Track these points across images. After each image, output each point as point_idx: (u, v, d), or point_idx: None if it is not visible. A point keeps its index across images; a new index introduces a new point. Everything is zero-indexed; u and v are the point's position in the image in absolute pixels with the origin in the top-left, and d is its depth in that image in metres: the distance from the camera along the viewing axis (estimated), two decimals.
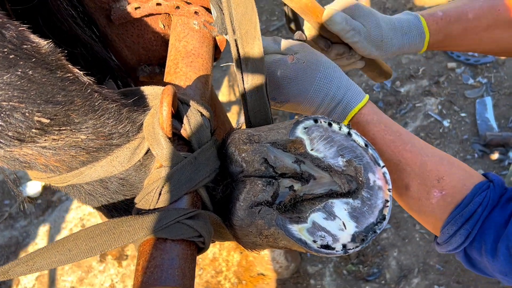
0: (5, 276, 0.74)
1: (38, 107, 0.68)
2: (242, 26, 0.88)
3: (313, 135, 0.88)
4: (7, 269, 0.74)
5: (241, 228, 0.83)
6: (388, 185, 0.90)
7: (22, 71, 0.66)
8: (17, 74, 0.65)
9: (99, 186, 0.88)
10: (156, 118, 0.79)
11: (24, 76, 0.66)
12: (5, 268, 0.74)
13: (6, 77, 0.64)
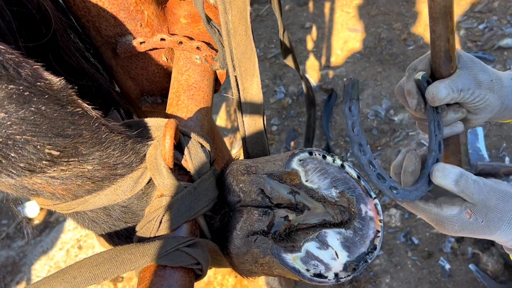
0: None
1: (49, 140, 0.72)
2: (241, 64, 0.93)
3: (308, 167, 0.92)
4: None
5: (237, 256, 0.87)
6: (380, 216, 0.94)
7: (36, 107, 0.69)
8: (31, 110, 0.69)
9: (102, 213, 0.91)
10: (159, 150, 0.84)
11: (37, 112, 0.70)
12: None
13: (20, 112, 0.68)
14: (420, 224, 2.67)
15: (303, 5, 4.06)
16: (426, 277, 2.49)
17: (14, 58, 0.70)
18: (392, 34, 3.66)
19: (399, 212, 2.72)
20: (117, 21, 1.05)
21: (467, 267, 2.46)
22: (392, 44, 3.59)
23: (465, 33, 3.49)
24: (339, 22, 3.85)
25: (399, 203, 0.97)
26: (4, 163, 0.70)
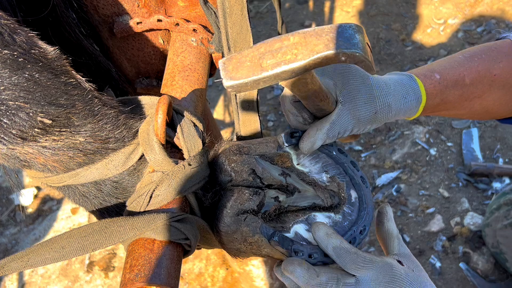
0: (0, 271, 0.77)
1: (41, 108, 0.73)
2: (237, 45, 0.93)
3: (299, 150, 0.93)
4: (2, 264, 0.77)
5: (226, 234, 0.87)
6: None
7: (29, 74, 0.70)
8: (25, 76, 0.70)
9: (94, 188, 0.91)
10: (151, 125, 0.84)
11: (30, 79, 0.71)
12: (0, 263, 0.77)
13: (14, 78, 0.69)
14: (412, 222, 2.68)
15: (303, 3, 4.07)
16: None
17: (9, 24, 0.70)
18: (391, 35, 3.67)
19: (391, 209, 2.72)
20: (115, 0, 1.05)
21: (458, 265, 2.47)
22: (391, 44, 3.61)
23: (463, 35, 3.51)
24: (338, 21, 3.86)
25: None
26: None
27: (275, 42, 0.71)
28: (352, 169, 0.95)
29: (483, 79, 1.03)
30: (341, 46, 0.68)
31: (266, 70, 0.69)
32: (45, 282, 2.78)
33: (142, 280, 0.78)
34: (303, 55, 0.69)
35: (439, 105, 1.02)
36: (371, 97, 0.91)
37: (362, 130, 0.94)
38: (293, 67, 0.69)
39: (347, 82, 0.90)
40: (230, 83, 0.71)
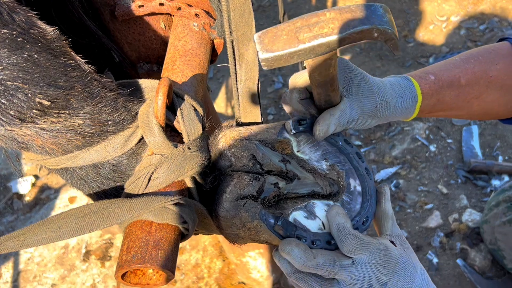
0: None
1: (40, 89, 0.72)
2: (239, 28, 0.92)
3: (300, 138, 0.93)
4: None
5: (225, 219, 0.87)
6: None
7: (28, 54, 0.70)
8: (23, 57, 0.69)
9: (92, 171, 0.91)
10: (151, 107, 0.83)
11: (29, 59, 0.70)
12: None
13: (12, 58, 0.68)
14: (410, 217, 2.68)
15: None
16: None
17: (8, 3, 0.70)
18: None
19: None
20: None
21: (455, 261, 2.47)
22: None
23: (466, 33, 3.50)
24: None
25: None
26: None
27: (312, 17, 0.74)
28: (357, 160, 0.95)
29: (479, 80, 1.05)
30: (374, 22, 0.73)
31: (303, 42, 0.72)
32: (41, 270, 2.78)
33: (139, 262, 0.77)
34: (339, 29, 0.72)
35: (436, 106, 1.04)
36: (371, 92, 0.94)
37: (364, 123, 0.96)
38: (330, 40, 0.72)
39: (349, 78, 0.94)
40: (266, 55, 0.73)
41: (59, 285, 2.72)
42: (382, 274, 0.83)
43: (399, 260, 0.85)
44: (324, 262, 0.82)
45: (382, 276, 0.83)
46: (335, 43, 0.73)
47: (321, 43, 0.73)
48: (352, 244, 0.82)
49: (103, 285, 2.67)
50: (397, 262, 0.84)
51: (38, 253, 2.85)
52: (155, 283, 0.84)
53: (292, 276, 0.86)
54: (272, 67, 0.76)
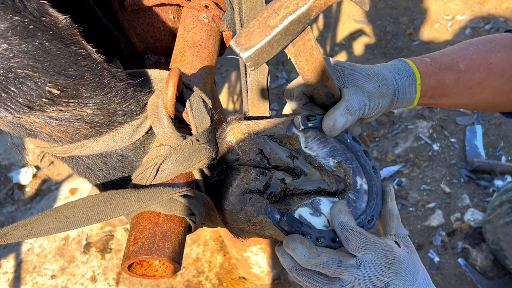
0: (3, 239, 0.76)
1: (50, 78, 0.71)
2: (250, 20, 0.92)
3: (308, 134, 0.92)
4: (5, 232, 0.76)
5: (231, 213, 0.87)
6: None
7: (39, 42, 0.69)
8: (34, 44, 0.68)
9: (99, 160, 0.90)
10: (161, 98, 0.83)
11: (40, 47, 0.69)
12: (3, 231, 0.76)
13: (23, 45, 0.67)
14: (412, 216, 2.68)
15: None
16: None
17: None
18: (398, 28, 3.65)
19: None
20: None
21: (456, 261, 2.47)
22: (397, 38, 3.59)
23: (471, 32, 3.50)
24: (346, 12, 3.84)
25: None
26: (4, 96, 0.69)
27: (275, 2, 0.75)
28: (364, 158, 0.95)
29: (479, 67, 1.04)
30: None
31: (275, 26, 0.73)
32: (41, 261, 2.78)
33: (146, 253, 0.77)
34: (303, 1, 0.74)
35: (436, 88, 1.02)
36: (367, 76, 0.94)
37: (378, 106, 0.95)
38: (299, 14, 0.74)
39: (340, 71, 0.93)
40: (246, 53, 0.73)
41: (58, 276, 2.71)
42: (386, 274, 0.83)
43: (403, 261, 0.84)
44: (328, 261, 0.81)
45: (386, 277, 0.83)
46: (305, 15, 0.75)
47: (292, 20, 0.74)
48: (357, 242, 0.81)
49: (103, 277, 2.67)
50: (400, 263, 0.84)
51: (38, 244, 2.85)
52: (161, 274, 0.84)
53: (294, 272, 0.85)
54: (259, 64, 0.77)
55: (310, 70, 0.85)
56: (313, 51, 0.82)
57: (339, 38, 3.67)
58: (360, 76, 0.93)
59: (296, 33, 0.76)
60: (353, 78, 0.93)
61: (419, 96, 1.01)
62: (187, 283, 2.57)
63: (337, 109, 0.89)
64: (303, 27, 0.76)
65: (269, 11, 0.75)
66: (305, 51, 0.81)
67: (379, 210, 0.93)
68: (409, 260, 0.86)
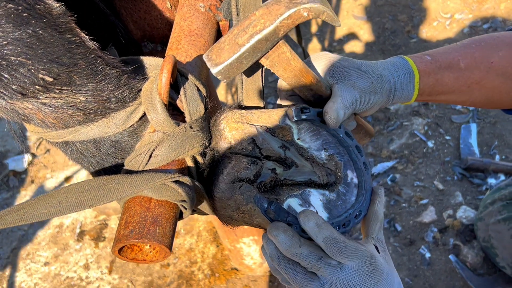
0: None
1: (43, 65, 0.72)
2: (246, 10, 0.92)
3: (301, 125, 0.93)
4: None
5: (220, 200, 0.87)
6: None
7: (33, 30, 0.69)
8: (28, 32, 0.69)
9: (92, 146, 0.91)
10: (155, 84, 0.83)
11: (34, 35, 0.69)
12: None
13: (17, 33, 0.67)
14: (404, 212, 2.69)
15: None
16: (405, 263, 2.51)
17: None
18: (397, 25, 3.66)
19: (385, 198, 2.74)
20: None
21: (447, 257, 2.49)
22: (396, 35, 3.60)
23: (469, 31, 3.51)
24: (345, 8, 3.84)
25: None
26: None
27: (245, 21, 0.79)
28: (356, 153, 0.95)
29: (479, 65, 1.03)
30: (299, 3, 0.77)
31: (243, 45, 0.78)
32: (35, 248, 2.79)
33: (137, 237, 0.77)
34: (270, 21, 0.77)
35: (435, 86, 1.02)
36: (361, 72, 0.94)
37: (369, 102, 0.95)
38: (265, 33, 0.77)
39: (333, 67, 0.94)
40: (216, 69, 0.80)
41: (52, 263, 2.72)
42: (367, 283, 0.83)
43: (383, 270, 0.85)
44: (308, 254, 0.81)
45: (367, 285, 0.83)
46: (272, 34, 0.78)
47: (258, 39, 0.77)
48: (341, 252, 0.82)
49: (96, 265, 2.68)
50: (382, 273, 0.84)
51: (32, 231, 2.86)
52: (151, 259, 0.85)
53: (276, 261, 0.85)
54: (229, 78, 0.82)
55: (290, 77, 0.88)
56: (289, 61, 0.85)
57: (338, 34, 3.68)
58: (354, 72, 0.94)
59: (265, 50, 0.80)
60: (346, 74, 0.93)
61: (417, 93, 1.01)
62: (179, 273, 2.59)
63: (336, 103, 0.90)
64: (271, 45, 0.79)
65: (239, 28, 0.79)
66: (281, 62, 0.85)
67: (367, 206, 0.93)
68: (388, 269, 0.86)
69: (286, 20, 0.77)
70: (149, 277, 2.60)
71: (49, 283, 2.65)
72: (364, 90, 0.93)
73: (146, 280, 2.59)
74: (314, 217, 0.82)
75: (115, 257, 2.68)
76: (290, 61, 0.84)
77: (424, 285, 2.44)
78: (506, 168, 2.73)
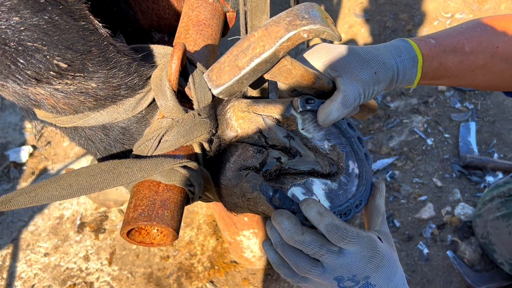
0: (7, 205, 0.78)
1: (59, 51, 0.73)
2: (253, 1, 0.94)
3: (306, 116, 0.94)
4: (9, 198, 0.78)
5: (226, 187, 0.89)
6: None
7: (49, 16, 0.70)
8: (44, 18, 0.70)
9: (101, 132, 0.92)
10: (165, 71, 0.85)
11: (50, 21, 0.71)
12: (8, 197, 0.78)
13: (34, 19, 0.69)
14: (403, 208, 2.71)
15: None
16: (403, 259, 2.53)
17: None
18: (398, 24, 3.67)
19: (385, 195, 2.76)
20: None
21: (445, 253, 2.51)
22: (397, 33, 3.61)
23: None
24: (346, 6, 3.85)
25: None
26: (13, 68, 0.71)
27: (244, 42, 0.80)
28: (358, 144, 0.97)
29: (484, 50, 1.02)
30: (298, 25, 0.77)
31: (243, 68, 0.79)
32: (35, 239, 2.80)
33: (145, 219, 0.79)
34: (269, 44, 0.77)
35: (438, 70, 1.01)
36: (364, 62, 0.92)
37: (372, 93, 0.94)
38: (265, 57, 0.78)
39: (334, 59, 0.93)
40: (218, 90, 0.81)
41: (52, 254, 2.74)
42: (367, 267, 0.84)
43: (385, 255, 0.86)
44: (311, 241, 0.83)
45: (367, 269, 0.84)
46: (270, 58, 0.78)
47: (258, 63, 0.78)
48: (342, 238, 0.83)
49: (96, 257, 2.69)
50: (383, 258, 0.85)
51: (32, 222, 2.87)
52: (158, 242, 0.86)
53: (279, 247, 0.86)
54: (231, 96, 0.84)
55: (291, 83, 0.89)
56: (290, 71, 0.86)
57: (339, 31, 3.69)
58: (356, 63, 0.92)
59: (265, 70, 0.81)
60: (348, 66, 0.92)
61: (419, 77, 1.00)
62: (179, 265, 2.60)
63: (333, 102, 0.90)
64: (271, 65, 0.80)
65: (238, 49, 0.80)
66: (282, 74, 0.85)
67: (368, 196, 0.95)
68: (390, 256, 0.87)
69: (286, 42, 0.77)
70: (148, 269, 2.61)
71: (49, 273, 2.66)
72: (368, 82, 0.92)
73: (146, 272, 2.61)
74: (316, 205, 0.84)
75: (115, 248, 2.69)
76: (291, 70, 0.85)
77: (421, 280, 2.46)
78: (504, 166, 2.76)
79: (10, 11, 0.67)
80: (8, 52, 0.69)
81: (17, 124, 3.34)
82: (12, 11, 0.67)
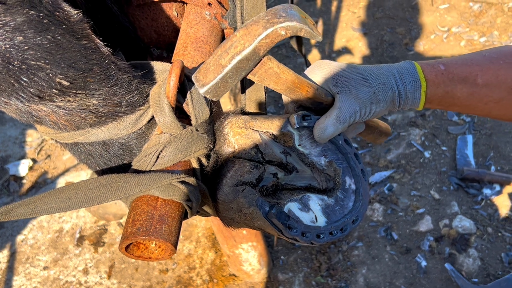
0: (6, 216, 0.79)
1: (61, 70, 0.75)
2: (250, 18, 0.96)
3: (302, 132, 0.95)
4: (9, 209, 0.79)
5: (223, 203, 0.90)
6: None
7: (52, 36, 0.72)
8: (48, 38, 0.72)
9: (101, 148, 0.93)
10: (163, 87, 0.86)
11: (53, 41, 0.73)
12: (7, 208, 0.79)
13: (38, 39, 0.71)
14: (401, 220, 2.72)
15: (311, 0, 4.09)
16: (401, 271, 2.53)
17: None
18: (395, 38, 3.70)
19: (382, 207, 2.77)
20: None
21: (443, 266, 2.51)
22: (394, 47, 3.64)
23: (465, 44, 3.55)
24: (344, 20, 3.89)
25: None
26: (16, 86, 0.73)
27: (227, 42, 0.83)
28: (354, 160, 0.97)
29: (501, 85, 0.96)
30: (276, 22, 0.80)
31: (225, 66, 0.81)
32: (34, 252, 2.80)
33: (143, 234, 0.80)
34: (249, 42, 0.80)
35: (445, 98, 0.97)
36: (364, 80, 0.93)
37: (370, 112, 0.95)
38: (245, 54, 0.81)
39: (336, 75, 0.94)
40: (204, 89, 0.84)
41: (51, 267, 2.74)
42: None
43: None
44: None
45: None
46: (251, 55, 0.81)
47: (240, 60, 0.81)
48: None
49: (95, 270, 2.69)
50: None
51: (32, 236, 2.87)
52: (156, 257, 0.87)
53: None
54: (218, 96, 0.86)
55: (282, 89, 0.90)
56: (279, 75, 0.88)
57: (337, 46, 3.72)
58: (356, 81, 0.92)
59: (248, 68, 0.83)
60: (348, 84, 0.92)
61: (424, 102, 0.97)
62: (178, 278, 2.60)
63: (328, 118, 0.92)
64: (254, 63, 0.83)
65: (222, 49, 0.83)
66: (270, 77, 0.87)
67: (364, 211, 0.96)
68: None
69: (265, 39, 0.80)
70: (147, 282, 2.61)
71: (48, 287, 2.66)
72: (365, 101, 0.92)
73: (145, 285, 2.61)
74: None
75: (114, 262, 2.69)
76: (279, 74, 0.87)
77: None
78: (501, 179, 2.77)
79: (14, 31, 0.69)
80: (12, 70, 0.71)
81: (17, 138, 3.36)
82: (16, 31, 0.69)
